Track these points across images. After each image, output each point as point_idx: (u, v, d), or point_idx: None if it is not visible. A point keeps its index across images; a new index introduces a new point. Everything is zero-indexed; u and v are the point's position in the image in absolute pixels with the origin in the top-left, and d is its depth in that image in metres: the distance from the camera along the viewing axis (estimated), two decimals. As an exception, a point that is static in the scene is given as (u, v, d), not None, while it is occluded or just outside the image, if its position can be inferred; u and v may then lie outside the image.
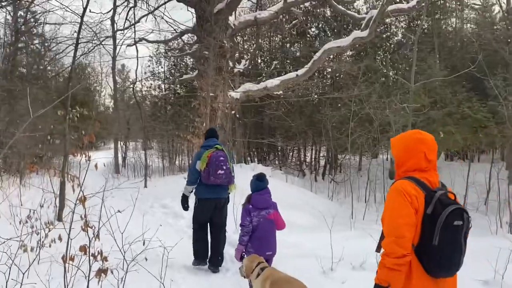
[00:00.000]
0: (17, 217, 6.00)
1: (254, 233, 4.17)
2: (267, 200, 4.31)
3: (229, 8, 12.06)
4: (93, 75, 33.20)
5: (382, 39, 16.81)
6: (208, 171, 4.96)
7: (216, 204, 5.13)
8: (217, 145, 5.20)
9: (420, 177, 2.18)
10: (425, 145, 2.26)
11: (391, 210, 2.16)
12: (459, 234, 2.07)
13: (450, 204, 2.06)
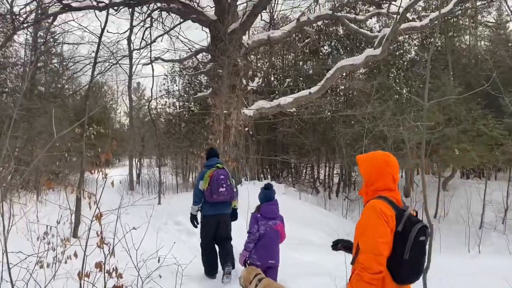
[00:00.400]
0: (34, 233, 6.10)
1: (259, 241, 4.32)
2: (275, 211, 4.51)
3: (243, 27, 12.25)
4: (109, 93, 33.81)
5: (395, 56, 16.83)
6: (210, 190, 5.23)
7: (219, 220, 5.37)
8: (217, 164, 5.45)
9: (389, 196, 2.38)
10: (392, 168, 2.47)
11: (370, 228, 2.28)
12: (424, 248, 2.33)
13: (417, 222, 2.30)
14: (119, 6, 11.54)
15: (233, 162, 11.23)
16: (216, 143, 11.31)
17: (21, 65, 17.34)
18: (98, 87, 27.27)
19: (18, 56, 17.52)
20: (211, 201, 5.29)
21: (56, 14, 11.43)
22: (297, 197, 12.98)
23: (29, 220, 7.10)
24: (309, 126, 16.55)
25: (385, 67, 16.40)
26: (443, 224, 11.19)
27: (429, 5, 17.54)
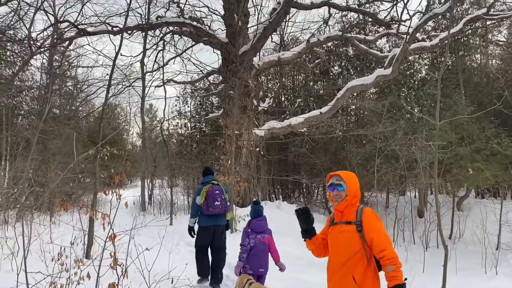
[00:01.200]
0: (47, 254, 6.15)
1: (250, 252, 4.98)
2: (263, 226, 5.13)
3: (254, 49, 12.44)
4: (122, 115, 34.31)
5: (406, 76, 16.83)
6: (207, 203, 5.87)
7: (215, 230, 5.97)
8: (213, 181, 6.12)
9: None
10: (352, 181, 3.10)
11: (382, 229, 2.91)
12: None
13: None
14: (132, 30, 11.83)
15: (244, 182, 11.25)
16: (227, 163, 11.35)
17: (36, 88, 17.75)
18: (111, 108, 27.72)
19: (34, 79, 17.96)
20: (207, 214, 5.90)
21: (71, 38, 11.75)
22: (309, 218, 12.87)
23: (42, 241, 7.16)
24: (321, 146, 16.52)
25: (395, 86, 16.40)
26: (459, 245, 10.97)
27: (438, 25, 17.62)
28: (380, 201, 16.93)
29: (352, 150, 13.10)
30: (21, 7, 8.78)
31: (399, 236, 11.32)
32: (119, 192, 3.64)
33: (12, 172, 11.31)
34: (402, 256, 9.07)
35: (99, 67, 40.43)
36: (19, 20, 9.05)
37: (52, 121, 14.81)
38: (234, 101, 11.40)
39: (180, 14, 12.81)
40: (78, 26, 10.86)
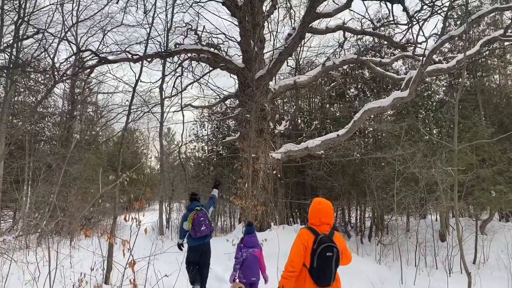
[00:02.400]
0: (67, 279, 6.20)
1: (243, 264, 5.83)
2: (254, 241, 6.01)
3: (270, 74, 12.58)
4: (140, 139, 34.80)
5: (423, 98, 16.72)
6: (194, 229, 6.60)
7: (202, 249, 6.73)
8: (196, 208, 6.80)
9: (315, 228, 3.59)
10: (320, 212, 3.66)
11: (292, 248, 3.55)
12: (330, 261, 3.42)
13: (326, 242, 3.44)
14: (152, 57, 12.13)
15: (262, 206, 11.20)
16: (244, 186, 11.35)
17: (58, 114, 18.23)
18: (130, 133, 28.19)
19: (56, 106, 18.48)
20: (195, 237, 6.65)
21: (93, 66, 12.09)
22: (327, 242, 12.69)
23: (63, 266, 7.23)
24: (338, 168, 16.40)
25: (413, 108, 16.29)
26: (483, 270, 10.63)
27: (455, 46, 17.57)
28: (400, 224, 16.60)
29: (371, 172, 12.95)
30: (46, 38, 9.14)
31: (421, 260, 11.04)
32: (139, 219, 3.69)
33: (34, 197, 11.53)
34: (424, 281, 8.85)
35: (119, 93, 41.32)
36: (44, 51, 9.40)
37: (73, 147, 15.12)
38: (251, 124, 11.49)
39: (198, 41, 13.11)
40: (99, 54, 11.19)
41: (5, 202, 12.67)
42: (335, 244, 3.47)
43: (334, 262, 3.43)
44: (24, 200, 12.32)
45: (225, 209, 20.59)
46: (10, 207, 14.97)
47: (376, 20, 16.32)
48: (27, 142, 13.99)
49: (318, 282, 3.39)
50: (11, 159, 12.57)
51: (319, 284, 3.40)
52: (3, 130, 9.52)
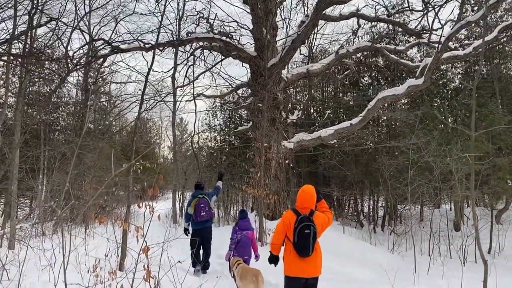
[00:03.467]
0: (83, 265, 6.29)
1: (237, 244, 6.63)
2: (247, 225, 6.82)
3: (282, 62, 12.47)
4: (153, 129, 35.01)
5: (438, 86, 16.45)
6: (195, 214, 7.75)
7: (203, 232, 7.81)
8: (199, 195, 7.88)
9: (298, 209, 4.39)
10: (302, 198, 4.42)
11: (277, 226, 4.52)
12: (308, 237, 4.21)
13: (304, 222, 4.24)
14: (164, 46, 12.11)
15: (274, 195, 11.19)
16: (257, 176, 11.35)
17: (72, 104, 18.39)
18: (144, 123, 28.36)
19: (70, 95, 18.64)
20: (196, 221, 7.77)
21: (106, 56, 12.12)
22: (340, 231, 12.66)
23: (78, 253, 7.34)
24: (351, 158, 16.28)
25: (428, 96, 16.05)
26: (499, 260, 10.50)
27: (472, 33, 17.21)
28: (414, 214, 16.48)
29: (384, 162, 12.82)
30: (59, 27, 9.17)
31: (435, 250, 10.95)
32: (152, 206, 3.70)
33: (49, 186, 11.70)
34: (438, 270, 8.77)
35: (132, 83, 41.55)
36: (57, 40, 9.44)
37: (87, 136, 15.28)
38: (263, 113, 11.43)
39: (210, 29, 13.03)
40: (112, 43, 11.22)
41: (22, 191, 12.88)
42: (313, 223, 4.23)
43: (311, 238, 4.19)
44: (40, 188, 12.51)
45: (237, 198, 20.64)
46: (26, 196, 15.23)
47: (391, 6, 16.02)
48: (42, 132, 14.16)
49: (299, 254, 4.20)
50: (26, 148, 12.74)
51: (300, 255, 4.21)
52: (18, 119, 9.63)
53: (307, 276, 4.23)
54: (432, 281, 7.22)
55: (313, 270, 4.25)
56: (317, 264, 4.31)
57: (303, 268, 4.21)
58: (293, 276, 4.24)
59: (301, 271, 4.21)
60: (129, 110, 21.29)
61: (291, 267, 4.26)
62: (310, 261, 4.23)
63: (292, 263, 4.24)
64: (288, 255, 4.30)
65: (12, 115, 13.93)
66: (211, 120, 22.16)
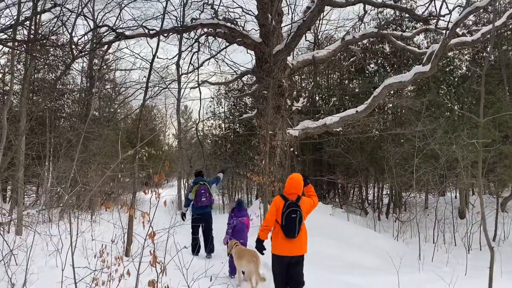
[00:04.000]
0: (89, 251, 6.35)
1: (234, 229, 7.07)
2: (242, 213, 7.29)
3: (288, 48, 12.36)
4: (158, 116, 35.02)
5: (445, 72, 16.28)
6: (196, 199, 8.26)
7: (202, 217, 8.25)
8: (200, 182, 8.38)
9: (286, 195, 4.80)
10: (289, 184, 4.83)
11: (269, 209, 4.90)
12: (294, 220, 4.63)
13: (292, 207, 4.65)
14: (168, 32, 12.03)
15: (279, 182, 11.20)
16: (261, 163, 11.34)
17: (77, 91, 18.39)
18: (149, 110, 28.35)
19: (75, 82, 18.62)
20: (197, 206, 8.23)
21: (110, 42, 12.07)
22: (345, 219, 12.68)
23: (85, 239, 7.40)
24: (356, 145, 16.24)
25: (434, 84, 15.91)
26: (504, 247, 10.51)
27: (480, 19, 16.97)
28: (419, 201, 16.47)
29: (390, 149, 12.78)
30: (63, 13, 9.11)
31: (440, 237, 10.96)
32: (158, 191, 3.70)
33: (56, 173, 11.76)
34: (443, 257, 8.79)
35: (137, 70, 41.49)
36: (62, 26, 9.40)
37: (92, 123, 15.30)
38: (268, 101, 11.38)
39: (214, 15, 12.92)
40: (116, 30, 11.15)
41: (28, 177, 12.96)
42: (299, 208, 4.66)
43: (297, 221, 4.62)
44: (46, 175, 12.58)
45: (242, 186, 20.70)
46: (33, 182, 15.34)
47: (398, -8, 15.80)
48: (48, 119, 14.18)
49: (287, 235, 4.64)
50: (32, 135, 12.79)
51: (287, 236, 4.65)
52: (24, 106, 9.64)
53: (292, 254, 4.70)
54: (436, 268, 7.23)
55: (298, 250, 4.72)
56: (302, 244, 4.76)
57: (289, 247, 4.68)
58: (279, 254, 4.72)
59: (287, 250, 4.69)
60: (134, 97, 21.27)
61: (278, 247, 4.72)
62: (296, 242, 4.69)
63: (279, 243, 4.70)
64: (276, 236, 4.74)
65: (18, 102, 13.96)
66: (215, 108, 22.15)
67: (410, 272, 6.48)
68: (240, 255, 5.94)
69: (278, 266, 4.78)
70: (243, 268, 6.00)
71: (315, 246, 7.70)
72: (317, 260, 6.89)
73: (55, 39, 11.57)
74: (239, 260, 5.93)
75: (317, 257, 7.11)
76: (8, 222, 9.47)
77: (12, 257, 5.96)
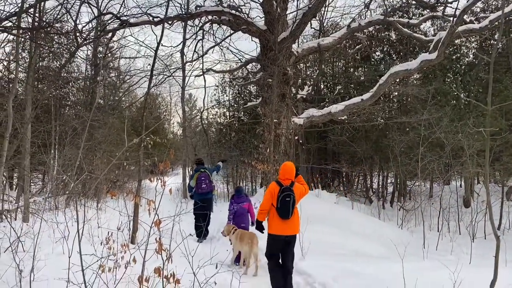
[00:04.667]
0: (95, 238, 6.41)
1: (235, 215, 7.57)
2: (241, 199, 7.76)
3: (293, 36, 12.26)
4: (163, 105, 35.00)
5: (452, 60, 16.11)
6: (197, 186, 8.92)
7: (202, 201, 8.59)
8: (201, 170, 9.04)
9: (280, 181, 5.27)
10: (283, 170, 5.33)
11: (265, 194, 5.33)
12: (288, 203, 5.11)
13: (286, 191, 5.12)
14: (173, 20, 11.95)
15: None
16: (266, 152, 11.35)
17: (82, 79, 18.38)
18: (153, 98, 28.34)
19: (80, 70, 18.60)
20: (198, 193, 8.89)
21: (114, 30, 12.01)
22: (349, 207, 12.70)
23: (91, 226, 7.47)
24: (361, 134, 16.18)
25: (441, 72, 15.75)
26: (508, 236, 10.51)
27: (488, 5, 16.71)
28: (424, 190, 16.45)
29: (395, 138, 12.73)
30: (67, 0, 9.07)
31: (444, 226, 10.96)
32: (164, 179, 3.71)
33: (61, 160, 11.83)
34: (447, 246, 8.80)
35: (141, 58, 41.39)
36: (66, 13, 9.35)
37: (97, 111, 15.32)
38: (273, 89, 11.33)
39: (219, 2, 12.80)
40: (120, 17, 11.09)
41: (34, 165, 13.04)
42: (292, 192, 5.15)
43: (291, 204, 5.12)
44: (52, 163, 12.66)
45: (246, 174, 20.73)
46: (39, 170, 15.44)
47: (405, -22, 15.58)
48: (53, 107, 14.21)
49: (281, 216, 5.14)
50: (38, 123, 12.83)
51: (282, 217, 5.14)
52: (29, 94, 9.66)
53: (287, 234, 5.20)
54: (441, 256, 7.25)
55: (291, 230, 5.22)
56: (295, 225, 5.27)
57: (284, 228, 5.18)
58: (275, 234, 5.22)
59: (282, 230, 5.19)
60: (138, 85, 21.25)
61: (274, 227, 5.22)
62: (289, 223, 5.18)
63: (275, 224, 5.20)
64: (272, 218, 5.22)
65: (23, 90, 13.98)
66: (220, 96, 22.08)
67: (415, 261, 6.49)
68: (240, 238, 6.37)
69: (275, 245, 5.26)
70: (241, 250, 6.39)
71: (319, 234, 7.73)
72: (321, 248, 6.92)
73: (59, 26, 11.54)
74: (240, 242, 6.32)
75: (321, 245, 7.14)
76: (15, 209, 9.57)
77: (19, 244, 6.03)
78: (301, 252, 6.22)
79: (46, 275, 5.06)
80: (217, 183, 19.47)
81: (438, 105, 13.18)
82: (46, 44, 10.16)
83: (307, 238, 6.51)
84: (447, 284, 4.44)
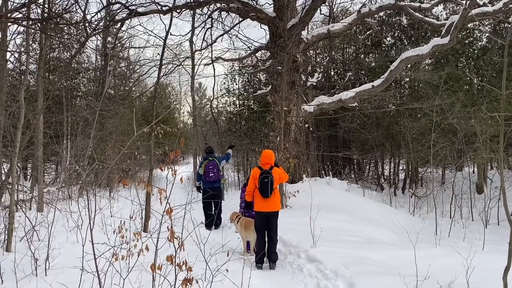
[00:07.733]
0: (108, 227, 6.49)
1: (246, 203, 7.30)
2: None
3: (302, 22, 12.13)
4: (173, 94, 35.08)
5: (464, 45, 15.82)
6: (205, 174, 8.86)
7: (211, 190, 8.65)
8: (209, 158, 8.96)
9: (261, 165, 6.04)
10: (263, 156, 6.08)
11: (250, 178, 6.16)
12: (266, 184, 5.84)
13: (265, 174, 5.89)
14: (181, 8, 11.89)
15: (294, 159, 11.19)
16: (276, 140, 11.32)
17: (92, 70, 18.47)
18: (163, 88, 28.39)
19: (90, 61, 18.69)
20: (206, 181, 8.83)
21: (123, 20, 12.01)
22: (360, 194, 12.66)
23: (104, 215, 7.56)
24: (372, 120, 16.05)
25: (453, 56, 15.49)
26: (522, 222, 10.38)
27: (502, -13, 16.31)
28: (436, 176, 16.32)
29: (407, 124, 12.60)
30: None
31: (457, 212, 10.88)
32: (175, 168, 3.72)
33: (74, 151, 11.95)
34: (460, 233, 8.74)
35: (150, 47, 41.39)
36: (75, 3, 9.36)
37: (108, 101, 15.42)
38: (283, 76, 11.25)
39: (227, -10, 12.70)
40: (129, 7, 11.07)
41: (47, 156, 13.21)
42: (271, 174, 5.89)
43: (269, 184, 5.83)
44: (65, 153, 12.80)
45: (257, 162, 20.75)
46: (52, 160, 15.65)
47: (416, -39, 15.24)
48: (64, 98, 14.34)
49: (262, 195, 5.86)
50: (50, 114, 12.96)
51: (263, 196, 5.85)
52: (41, 85, 9.74)
53: (268, 210, 5.91)
54: (453, 243, 7.20)
55: (272, 207, 5.93)
56: (275, 203, 5.97)
57: (265, 205, 5.92)
58: (259, 210, 5.96)
59: (264, 207, 5.92)
60: (148, 75, 21.29)
61: (257, 205, 5.98)
62: (270, 201, 5.91)
63: (258, 202, 5.96)
64: (256, 197, 5.98)
65: (34, 81, 14.10)
66: (229, 84, 22.04)
67: (427, 247, 6.46)
68: (245, 226, 6.53)
69: (259, 220, 5.97)
70: (248, 238, 6.50)
71: (330, 221, 7.72)
72: (332, 235, 6.91)
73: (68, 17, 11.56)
74: (245, 230, 6.52)
75: (332, 232, 7.13)
76: (29, 199, 9.72)
77: (34, 233, 6.13)
78: (312, 240, 6.21)
79: (60, 263, 5.15)
80: (227, 171, 19.57)
81: (451, 90, 12.99)
82: (56, 35, 10.19)
83: (318, 226, 6.50)
84: (459, 270, 4.41)
